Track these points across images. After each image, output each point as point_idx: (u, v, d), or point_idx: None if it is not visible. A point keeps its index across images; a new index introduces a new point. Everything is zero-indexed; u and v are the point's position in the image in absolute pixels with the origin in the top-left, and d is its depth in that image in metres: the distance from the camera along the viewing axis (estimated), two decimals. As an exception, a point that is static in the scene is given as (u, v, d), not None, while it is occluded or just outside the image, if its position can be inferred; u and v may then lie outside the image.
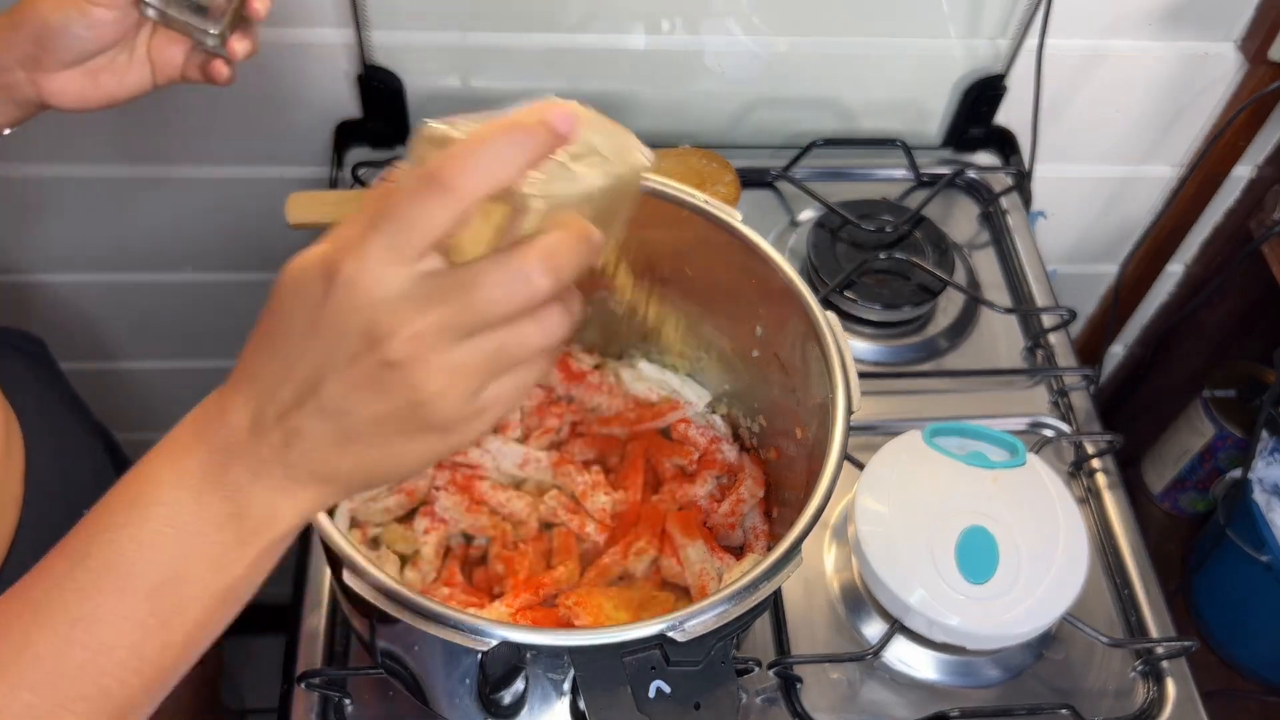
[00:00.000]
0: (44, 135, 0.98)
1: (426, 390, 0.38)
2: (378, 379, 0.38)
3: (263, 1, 0.67)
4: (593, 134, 0.44)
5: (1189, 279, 1.26)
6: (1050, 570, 0.72)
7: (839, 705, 0.74)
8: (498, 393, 0.40)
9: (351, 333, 0.38)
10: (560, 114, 0.38)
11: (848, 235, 0.96)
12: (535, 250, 0.38)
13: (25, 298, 1.15)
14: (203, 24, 0.67)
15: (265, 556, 0.43)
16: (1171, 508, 1.32)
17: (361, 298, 0.37)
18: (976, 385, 0.91)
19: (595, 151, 0.43)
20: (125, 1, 0.64)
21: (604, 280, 0.64)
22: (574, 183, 0.42)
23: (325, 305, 0.38)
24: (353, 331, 0.38)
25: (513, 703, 0.61)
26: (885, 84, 1.03)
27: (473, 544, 0.73)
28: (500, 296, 0.38)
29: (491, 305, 0.38)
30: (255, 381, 0.40)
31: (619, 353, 0.83)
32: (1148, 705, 0.75)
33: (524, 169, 0.38)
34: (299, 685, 0.70)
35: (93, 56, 0.66)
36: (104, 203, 1.06)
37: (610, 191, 0.44)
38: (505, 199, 0.39)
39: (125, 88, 0.68)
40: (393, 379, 0.38)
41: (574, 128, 0.39)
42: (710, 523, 0.74)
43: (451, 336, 0.38)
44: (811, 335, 0.65)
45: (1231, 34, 1.01)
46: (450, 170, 0.37)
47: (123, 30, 0.66)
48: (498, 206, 0.39)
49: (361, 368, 0.38)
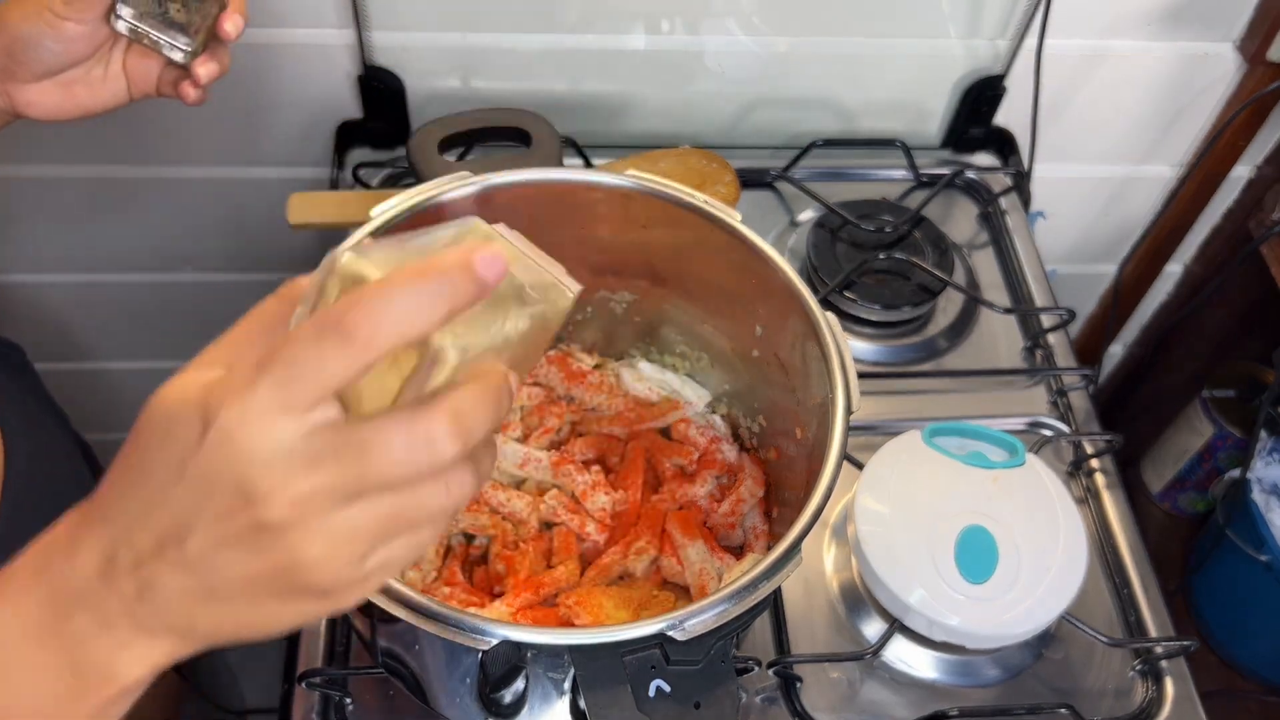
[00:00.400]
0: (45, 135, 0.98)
1: (305, 556, 0.34)
2: (251, 538, 0.34)
3: (234, 23, 0.66)
4: (520, 271, 0.40)
5: (1188, 279, 1.26)
6: (1050, 570, 0.72)
7: (839, 704, 0.74)
8: (388, 557, 0.36)
9: (224, 487, 0.34)
10: (487, 259, 0.34)
11: (847, 235, 0.97)
12: (443, 411, 0.34)
13: (16, 299, 1.15)
14: (174, 40, 0.66)
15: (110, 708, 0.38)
16: (1171, 507, 1.32)
17: (239, 450, 0.33)
18: (976, 385, 0.91)
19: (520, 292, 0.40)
20: (96, 16, 0.63)
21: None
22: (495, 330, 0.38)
23: (198, 452, 0.34)
24: (226, 486, 0.34)
25: (513, 702, 0.61)
26: (885, 84, 1.03)
27: (473, 543, 0.73)
28: (400, 461, 0.34)
29: (389, 470, 0.34)
30: (110, 522, 0.36)
31: (619, 353, 0.83)
32: (1147, 705, 0.75)
33: (439, 321, 0.34)
34: (300, 685, 0.70)
35: (65, 69, 0.65)
36: (104, 203, 1.06)
37: (532, 333, 0.41)
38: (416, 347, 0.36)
39: (99, 100, 0.68)
40: (268, 540, 0.34)
41: (500, 274, 0.35)
42: (710, 522, 0.74)
43: (339, 500, 0.34)
44: (811, 335, 0.65)
45: (1231, 34, 1.01)
46: (356, 318, 0.33)
47: (95, 44, 0.65)
48: (407, 354, 0.36)
49: (232, 525, 0.34)
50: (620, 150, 0.99)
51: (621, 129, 1.04)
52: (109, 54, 0.67)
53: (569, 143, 0.97)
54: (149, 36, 0.65)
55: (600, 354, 0.83)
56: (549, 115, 0.85)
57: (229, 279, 1.15)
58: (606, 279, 0.77)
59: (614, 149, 1.00)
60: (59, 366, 1.24)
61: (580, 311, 0.80)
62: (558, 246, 0.74)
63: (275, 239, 1.08)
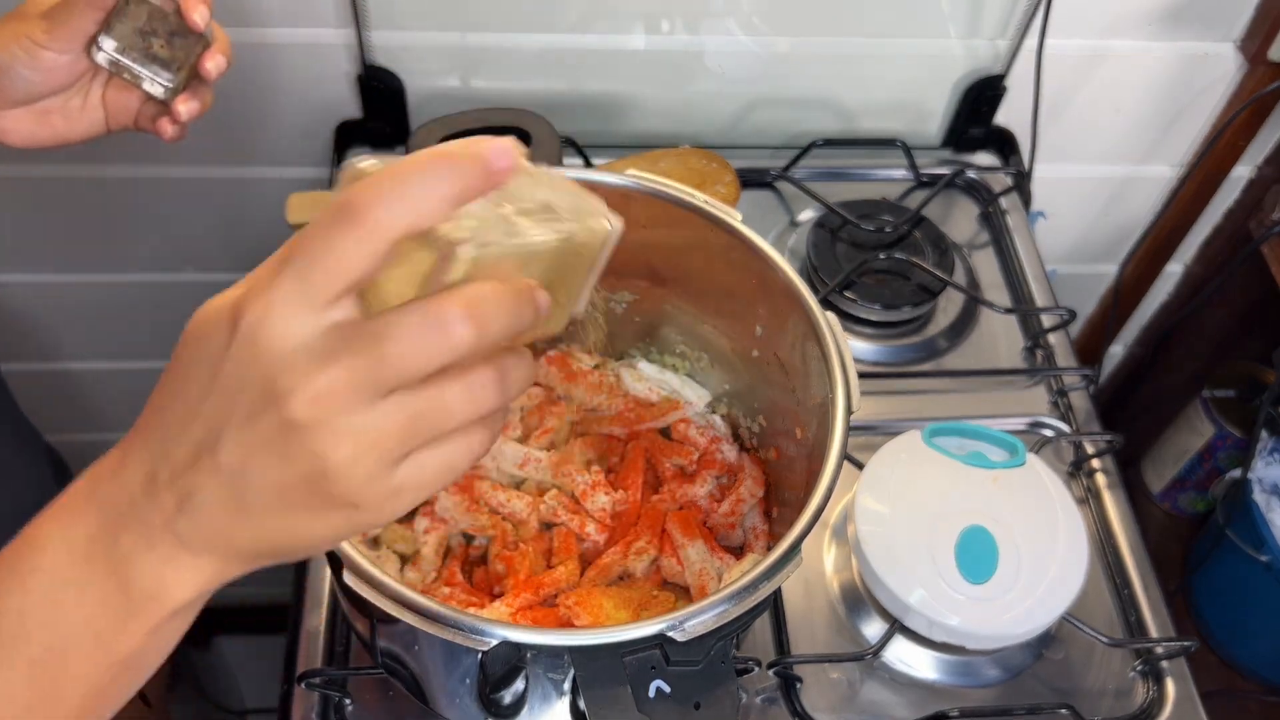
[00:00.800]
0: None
1: (331, 459, 0.34)
2: (278, 442, 0.34)
3: (216, 63, 0.65)
4: (549, 192, 0.39)
5: (1188, 279, 1.26)
6: (1050, 570, 0.72)
7: (839, 705, 0.74)
8: (419, 469, 0.35)
9: (250, 388, 0.34)
10: (496, 149, 0.34)
11: (847, 235, 0.97)
12: (456, 296, 0.34)
13: (14, 298, 1.15)
14: (155, 76, 0.65)
15: (162, 629, 0.39)
16: (1171, 507, 1.32)
17: (262, 349, 0.33)
18: (976, 385, 0.91)
19: (549, 209, 0.39)
20: (76, 46, 0.62)
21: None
22: (514, 235, 0.37)
23: (226, 355, 0.34)
24: (252, 387, 0.34)
25: (513, 702, 0.61)
26: (885, 84, 1.03)
27: (473, 544, 0.73)
28: (414, 348, 0.33)
29: (405, 359, 0.33)
30: (152, 438, 0.37)
31: (619, 353, 0.83)
32: (1147, 705, 0.75)
33: (448, 204, 0.33)
34: (299, 685, 0.70)
35: (42, 98, 0.64)
36: (104, 203, 1.06)
37: (563, 254, 0.39)
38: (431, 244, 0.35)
39: (76, 131, 0.67)
40: (294, 443, 0.34)
41: (510, 165, 0.34)
42: (710, 522, 0.74)
43: (361, 397, 0.33)
44: (811, 335, 0.65)
45: (1231, 34, 1.01)
46: (364, 200, 0.33)
47: (74, 75, 0.64)
48: (424, 254, 0.35)
49: (261, 428, 0.34)
50: (620, 150, 0.99)
51: (621, 129, 1.04)
52: (89, 85, 0.66)
53: (569, 143, 0.97)
54: (130, 70, 0.64)
55: (600, 354, 0.83)
56: (549, 115, 0.85)
57: (229, 279, 1.13)
58: (607, 279, 0.77)
59: (614, 149, 1.00)
60: (57, 366, 1.24)
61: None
62: (557, 246, 0.75)
63: (274, 239, 1.08)
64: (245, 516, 0.36)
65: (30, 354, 1.22)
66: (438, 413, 0.35)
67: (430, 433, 0.35)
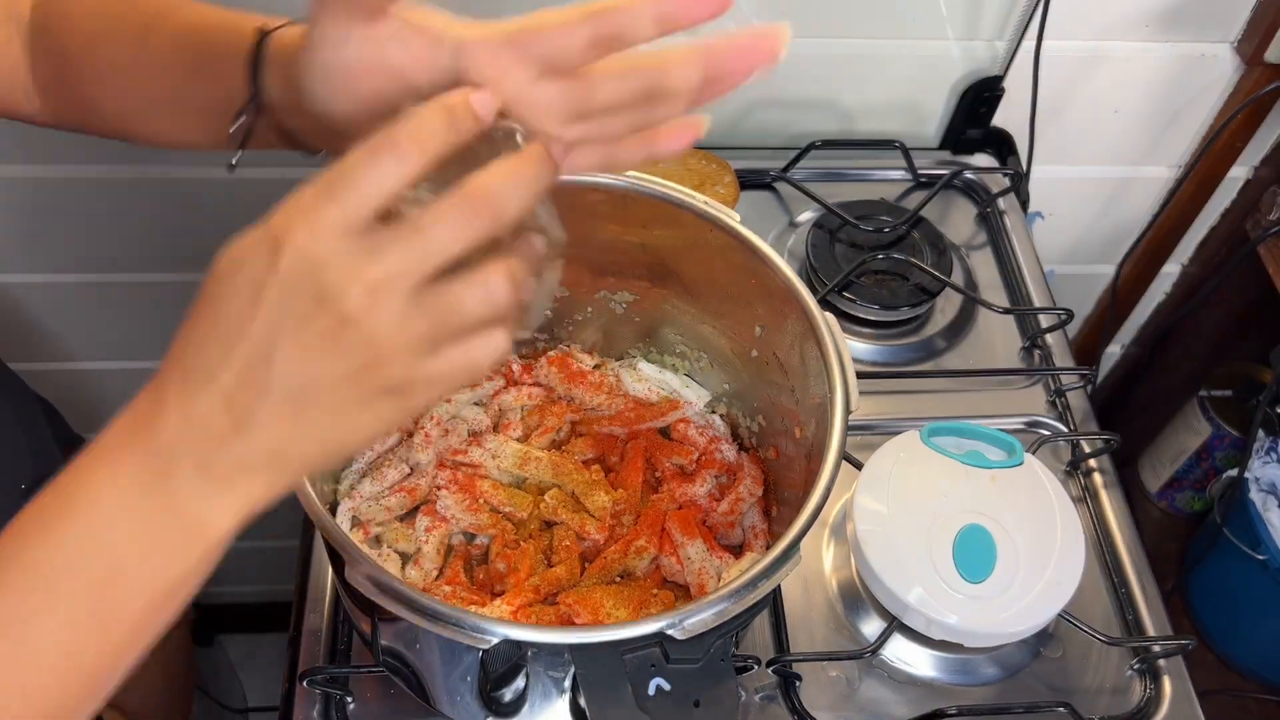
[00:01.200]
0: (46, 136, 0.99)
1: (382, 346, 0.38)
2: (334, 337, 0.37)
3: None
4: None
5: (1186, 279, 1.26)
6: (1047, 569, 0.72)
7: (837, 703, 0.74)
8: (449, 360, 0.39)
9: (303, 296, 0.37)
10: (480, 99, 0.40)
11: (846, 236, 0.97)
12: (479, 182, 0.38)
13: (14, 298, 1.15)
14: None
15: (210, 554, 0.42)
16: (1168, 507, 1.32)
17: (312, 261, 0.37)
18: (974, 385, 0.92)
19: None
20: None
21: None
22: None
23: (271, 273, 0.37)
24: (304, 294, 0.37)
25: (513, 700, 0.61)
26: (884, 86, 1.04)
27: (474, 542, 0.73)
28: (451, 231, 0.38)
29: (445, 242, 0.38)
30: (191, 373, 0.39)
31: (619, 353, 0.83)
32: (1145, 703, 0.76)
33: (464, 134, 0.39)
34: (301, 683, 0.70)
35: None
36: (104, 203, 1.06)
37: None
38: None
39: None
40: (349, 336, 0.37)
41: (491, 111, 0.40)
42: (709, 521, 0.74)
43: (404, 287, 0.37)
44: (810, 335, 0.65)
45: (1228, 35, 1.01)
46: (399, 134, 0.37)
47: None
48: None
49: (315, 328, 0.37)
50: (620, 151, 0.99)
51: (621, 130, 1.04)
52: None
53: (569, 143, 0.98)
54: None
55: (600, 354, 0.83)
56: (549, 116, 0.85)
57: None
58: (606, 279, 0.78)
59: (614, 149, 1.00)
60: (57, 366, 1.24)
61: (580, 311, 0.80)
62: (558, 247, 0.75)
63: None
64: (303, 417, 0.39)
65: (43, 354, 1.22)
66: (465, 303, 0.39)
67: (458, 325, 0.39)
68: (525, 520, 0.73)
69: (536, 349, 0.83)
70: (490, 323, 0.40)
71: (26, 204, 1.06)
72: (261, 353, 0.37)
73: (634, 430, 0.78)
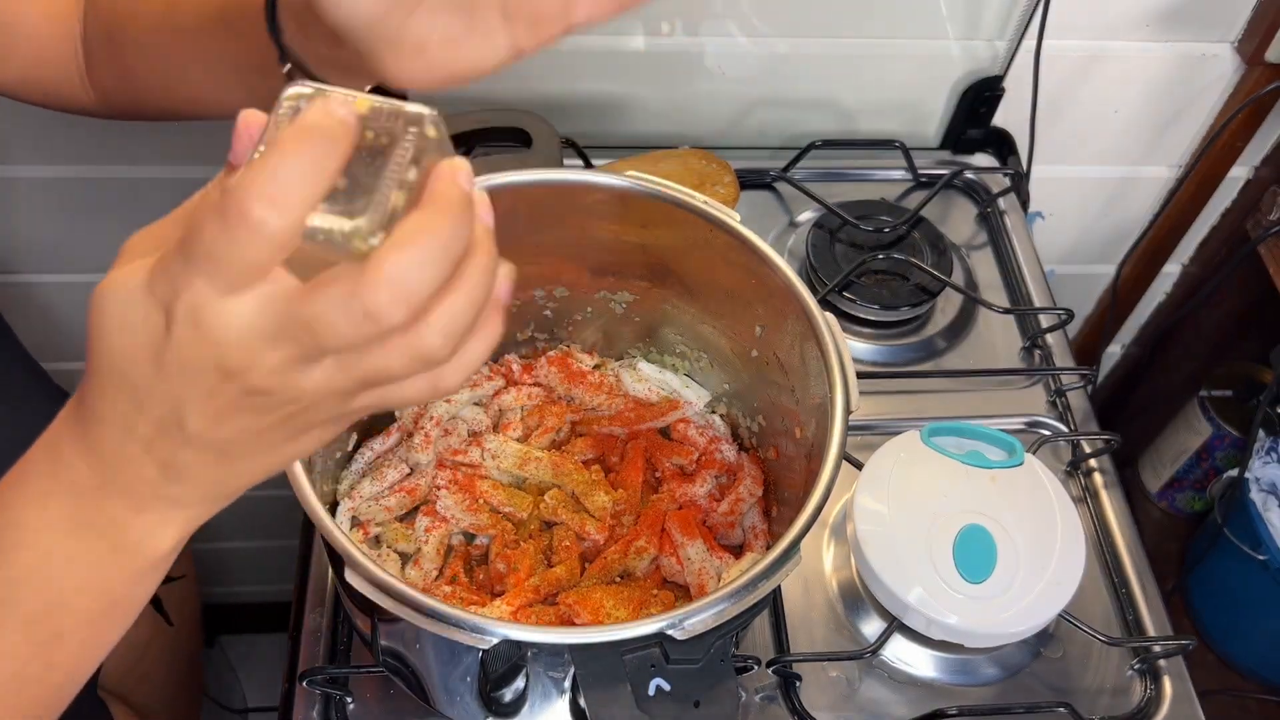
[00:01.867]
0: (48, 137, 0.99)
1: (302, 401, 0.36)
2: (246, 403, 0.36)
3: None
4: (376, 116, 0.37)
5: (1186, 279, 1.26)
6: (1048, 569, 0.72)
7: (837, 703, 0.74)
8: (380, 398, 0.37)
9: (204, 371, 0.35)
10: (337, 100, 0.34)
11: (846, 236, 0.97)
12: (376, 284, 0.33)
13: (15, 298, 1.15)
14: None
15: (155, 569, 0.42)
16: (1169, 507, 1.32)
17: (206, 338, 0.34)
18: (974, 385, 0.92)
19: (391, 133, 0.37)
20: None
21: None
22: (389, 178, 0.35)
23: (169, 344, 0.34)
24: (205, 370, 0.35)
25: (513, 700, 0.61)
26: (884, 85, 1.04)
27: (474, 543, 0.73)
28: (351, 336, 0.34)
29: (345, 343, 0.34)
30: (106, 421, 0.38)
31: (619, 353, 0.83)
32: (1145, 703, 0.76)
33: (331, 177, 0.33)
34: (301, 683, 0.70)
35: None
36: (105, 203, 1.06)
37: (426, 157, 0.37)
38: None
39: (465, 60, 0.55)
40: (262, 400, 0.36)
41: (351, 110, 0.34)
42: (709, 522, 0.74)
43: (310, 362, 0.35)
44: (810, 335, 0.65)
45: (1229, 35, 1.01)
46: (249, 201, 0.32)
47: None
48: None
49: (224, 398, 0.36)
50: (620, 151, 0.99)
51: (621, 130, 1.04)
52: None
53: (569, 143, 0.98)
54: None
55: (600, 354, 0.83)
56: (549, 115, 0.85)
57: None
58: (606, 279, 0.78)
59: (614, 149, 1.00)
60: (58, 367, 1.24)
61: (580, 311, 0.80)
62: (558, 246, 0.75)
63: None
64: (231, 463, 0.38)
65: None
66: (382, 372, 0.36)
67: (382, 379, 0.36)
68: (525, 520, 0.73)
69: (536, 349, 0.83)
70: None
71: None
72: (173, 416, 0.36)
73: (634, 430, 0.78)
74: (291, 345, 0.34)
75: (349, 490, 0.73)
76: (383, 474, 0.73)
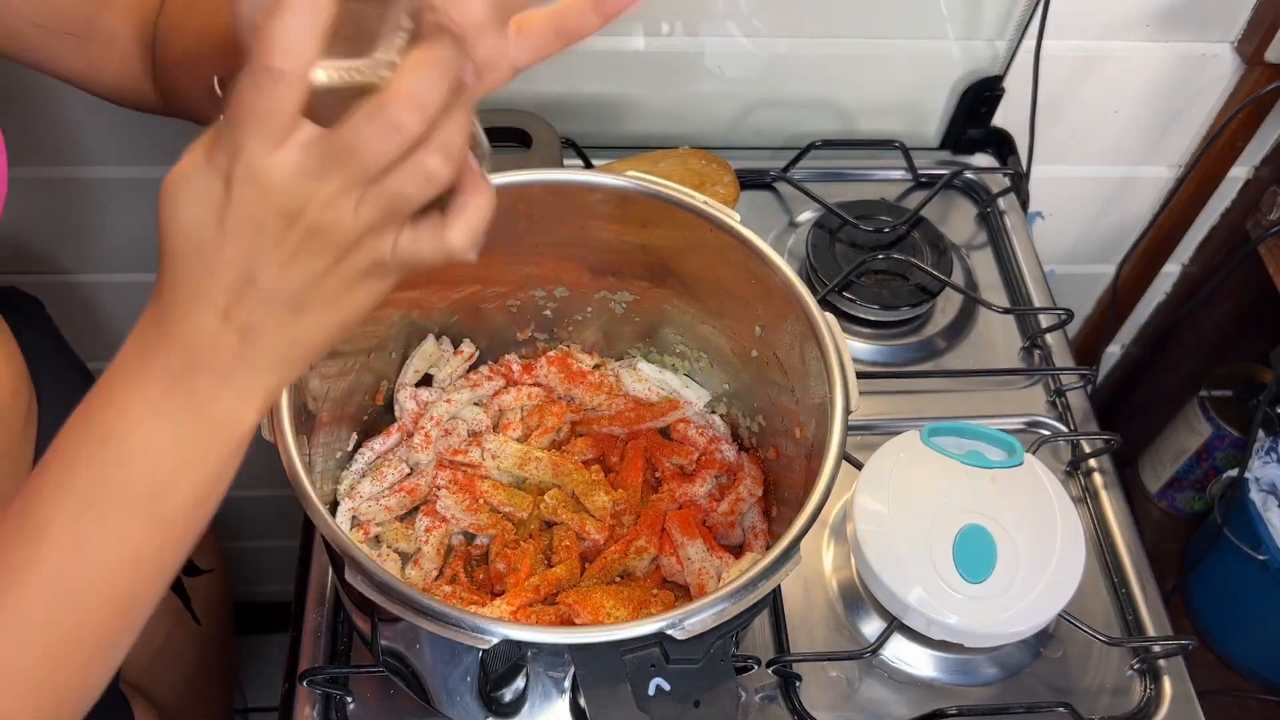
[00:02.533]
0: (50, 137, 0.99)
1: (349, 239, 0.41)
2: (306, 247, 0.40)
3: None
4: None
5: (1186, 279, 1.26)
6: (1048, 569, 0.72)
7: (837, 703, 0.74)
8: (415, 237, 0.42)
9: (268, 220, 0.40)
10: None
11: (846, 236, 0.97)
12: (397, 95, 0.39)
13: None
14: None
15: (239, 449, 0.46)
16: (1169, 507, 1.32)
17: (264, 189, 0.39)
18: (974, 385, 0.92)
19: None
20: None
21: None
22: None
23: (230, 205, 0.39)
24: (269, 218, 0.40)
25: (513, 700, 0.62)
26: (884, 85, 1.04)
27: (474, 543, 0.73)
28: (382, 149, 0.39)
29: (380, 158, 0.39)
30: (185, 298, 0.42)
31: (619, 353, 0.83)
32: (1145, 703, 0.76)
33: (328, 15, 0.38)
34: (301, 683, 0.70)
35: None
36: (105, 203, 1.06)
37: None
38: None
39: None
40: (320, 242, 0.40)
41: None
42: (709, 522, 0.74)
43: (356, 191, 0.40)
44: (810, 335, 0.65)
45: (1229, 35, 1.01)
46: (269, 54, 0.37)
47: None
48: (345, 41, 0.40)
49: (288, 244, 0.40)
50: (620, 151, 0.99)
51: (621, 130, 1.04)
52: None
53: (569, 143, 0.98)
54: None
55: (600, 354, 0.83)
56: (549, 116, 0.85)
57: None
58: (606, 279, 0.78)
59: (614, 150, 1.00)
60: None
61: (580, 311, 0.80)
62: (558, 246, 0.75)
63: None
64: (302, 320, 0.42)
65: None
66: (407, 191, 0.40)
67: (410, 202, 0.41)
68: (525, 520, 0.73)
69: (536, 349, 0.83)
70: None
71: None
72: (244, 274, 0.41)
73: (634, 430, 0.78)
74: (337, 174, 0.39)
75: (349, 490, 0.73)
76: (383, 474, 0.73)
